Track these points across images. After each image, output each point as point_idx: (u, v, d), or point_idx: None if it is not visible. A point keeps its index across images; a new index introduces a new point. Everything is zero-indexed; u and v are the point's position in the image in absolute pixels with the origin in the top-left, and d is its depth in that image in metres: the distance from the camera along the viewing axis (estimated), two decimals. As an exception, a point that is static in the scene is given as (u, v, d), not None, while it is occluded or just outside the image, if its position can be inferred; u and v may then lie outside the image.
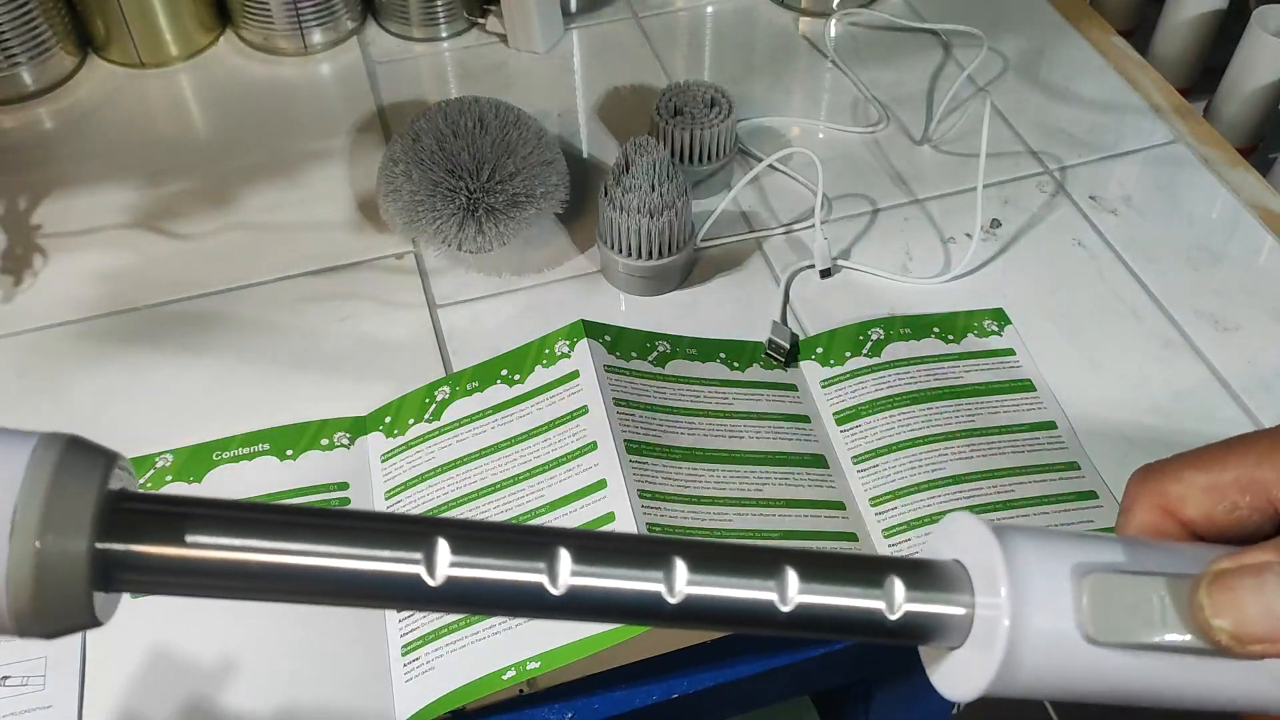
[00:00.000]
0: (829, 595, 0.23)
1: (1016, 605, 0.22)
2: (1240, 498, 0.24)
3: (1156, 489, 0.25)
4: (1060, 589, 0.22)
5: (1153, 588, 0.23)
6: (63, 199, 0.65)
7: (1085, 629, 0.22)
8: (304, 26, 0.73)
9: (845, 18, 0.78)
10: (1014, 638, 0.22)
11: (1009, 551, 0.23)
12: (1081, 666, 0.22)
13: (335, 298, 0.60)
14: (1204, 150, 0.68)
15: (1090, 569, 0.22)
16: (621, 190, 0.57)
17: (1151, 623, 0.22)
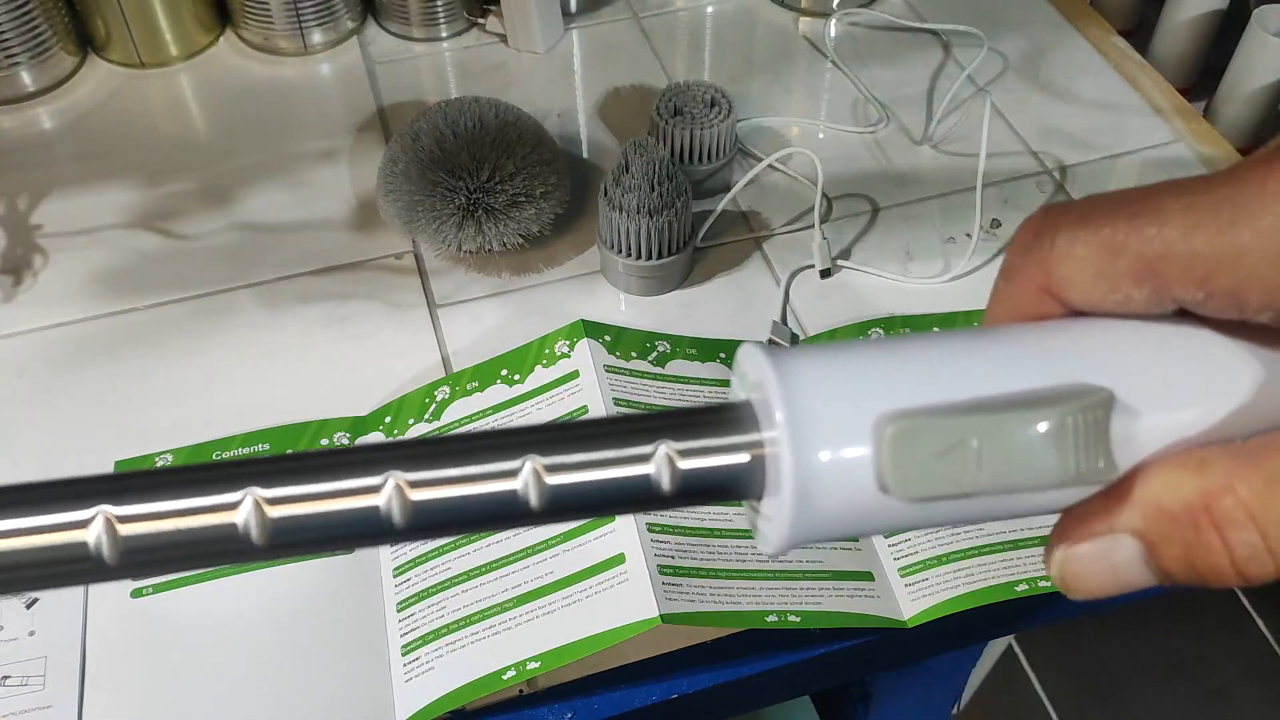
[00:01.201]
0: (582, 471, 0.19)
1: (797, 439, 0.19)
2: (1136, 290, 0.20)
3: (1040, 266, 0.21)
4: (853, 421, 0.19)
5: (965, 430, 0.19)
6: (63, 199, 0.65)
7: (882, 480, 0.19)
8: (304, 26, 0.73)
9: (845, 18, 0.78)
10: (800, 476, 0.19)
11: (785, 377, 0.19)
12: (878, 512, 0.19)
13: (335, 298, 0.60)
14: (1204, 150, 0.68)
15: (896, 416, 0.19)
16: (621, 190, 0.57)
17: (963, 469, 0.19)
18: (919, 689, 0.70)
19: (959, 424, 0.19)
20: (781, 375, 0.19)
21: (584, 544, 0.47)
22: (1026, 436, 0.19)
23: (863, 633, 0.48)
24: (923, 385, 0.19)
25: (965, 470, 0.19)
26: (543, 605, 0.46)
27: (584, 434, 0.19)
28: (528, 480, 0.19)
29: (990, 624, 0.52)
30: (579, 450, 0.19)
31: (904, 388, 0.19)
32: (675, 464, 0.19)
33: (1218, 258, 0.18)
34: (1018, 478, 0.19)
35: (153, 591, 0.48)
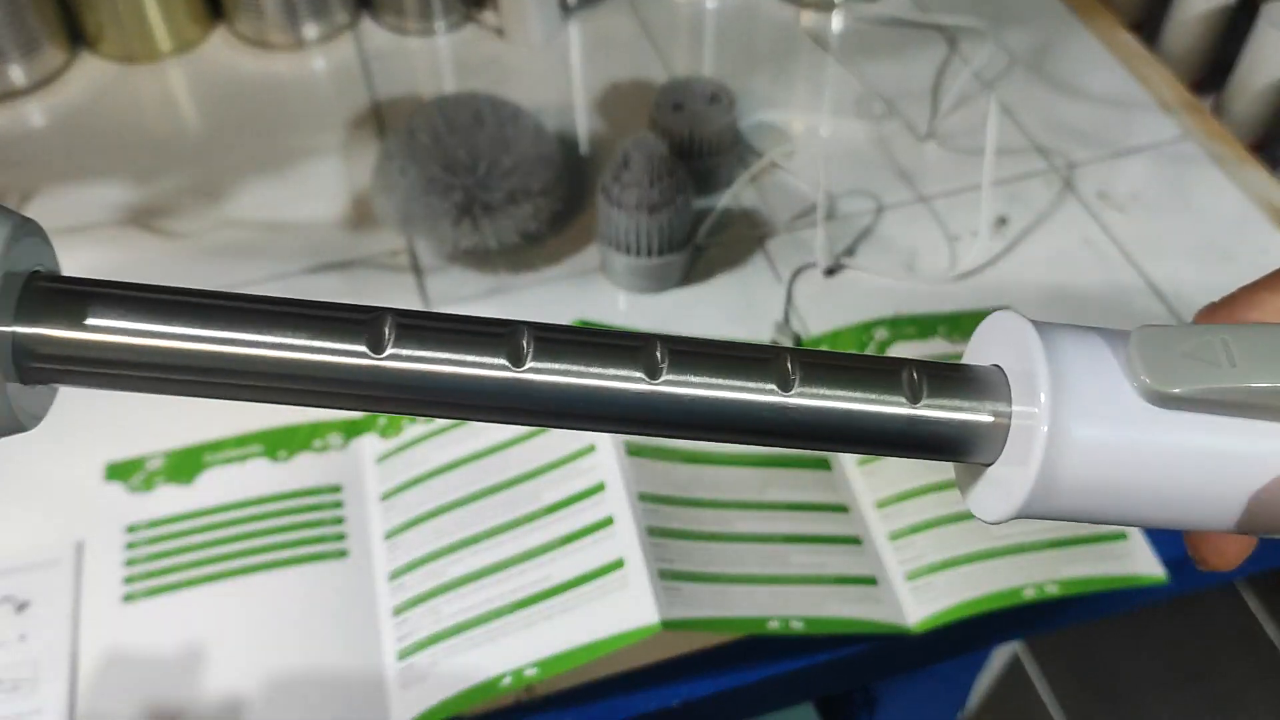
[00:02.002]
0: (836, 395, 0.20)
1: (1058, 408, 0.19)
2: None
3: (1229, 316, 0.22)
4: (1108, 373, 0.19)
5: (1215, 334, 0.20)
6: (54, 196, 0.64)
7: (1142, 384, 0.19)
8: (297, 20, 0.72)
9: (849, 12, 0.77)
10: (1054, 444, 0.19)
11: (1053, 351, 0.20)
12: (1144, 445, 0.19)
13: (329, 296, 0.59)
14: (1213, 147, 0.67)
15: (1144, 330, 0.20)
16: (620, 187, 0.56)
17: (1219, 366, 0.19)
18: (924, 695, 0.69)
19: (1206, 330, 0.20)
20: (1048, 348, 0.20)
21: (583, 548, 0.46)
22: (1270, 342, 0.19)
23: (867, 639, 0.47)
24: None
25: (1218, 365, 0.19)
26: (541, 611, 0.45)
27: (840, 360, 0.20)
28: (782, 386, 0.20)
29: (997, 630, 0.51)
30: (835, 376, 0.20)
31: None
32: (922, 407, 0.20)
33: None
34: (1276, 374, 0.19)
35: (144, 596, 0.47)
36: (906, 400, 0.20)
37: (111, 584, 0.48)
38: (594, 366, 0.20)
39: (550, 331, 0.20)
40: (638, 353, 0.20)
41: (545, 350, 0.20)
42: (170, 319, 0.19)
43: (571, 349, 0.20)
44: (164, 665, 0.46)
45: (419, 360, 0.19)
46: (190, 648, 0.46)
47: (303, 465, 0.51)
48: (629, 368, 0.20)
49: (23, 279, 0.18)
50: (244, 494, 0.50)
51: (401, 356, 0.19)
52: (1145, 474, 0.19)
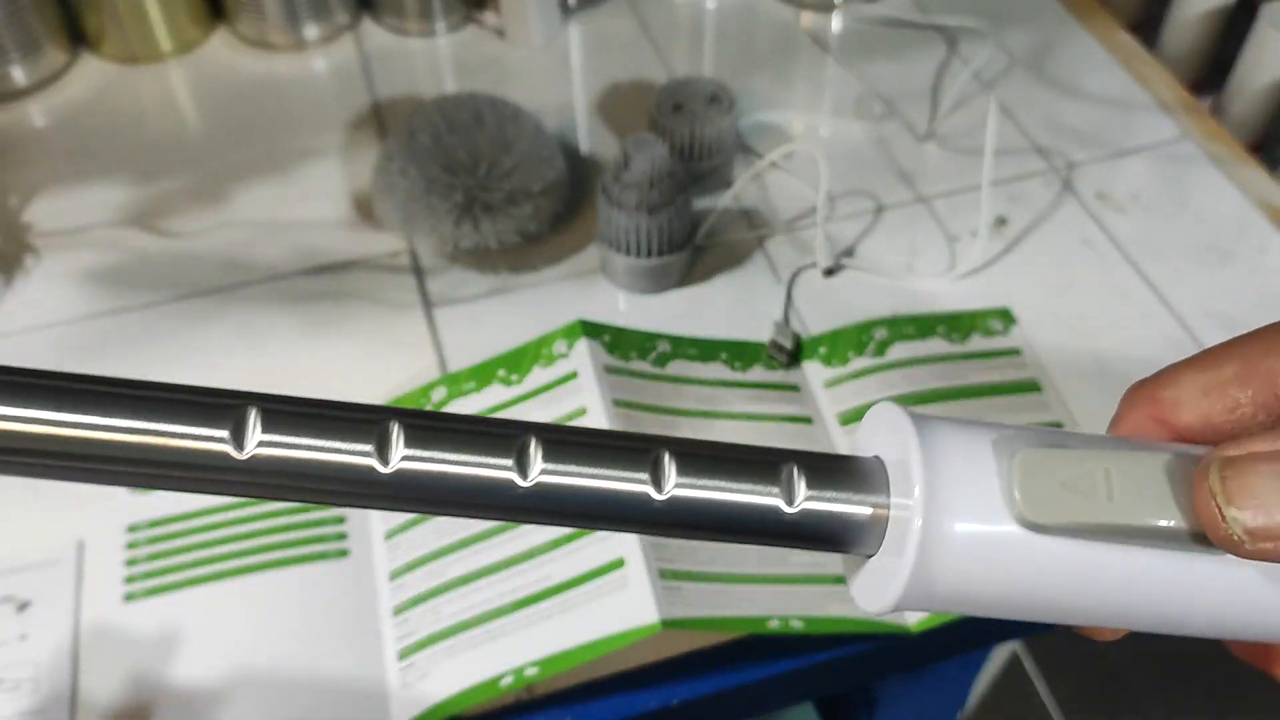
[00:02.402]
0: (713, 489, 0.20)
1: (931, 502, 0.19)
2: (1242, 392, 0.21)
3: (1148, 396, 0.22)
4: (985, 476, 0.19)
5: (1098, 462, 0.19)
6: (55, 197, 0.64)
7: (1018, 509, 0.19)
8: (298, 21, 0.72)
9: (848, 12, 0.77)
10: (927, 539, 0.19)
11: (927, 441, 0.20)
12: (1015, 561, 0.19)
13: (329, 297, 0.59)
14: (1212, 147, 0.67)
15: (1021, 446, 0.20)
16: (620, 187, 0.56)
17: (1095, 499, 0.19)
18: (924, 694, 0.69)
19: (1088, 456, 0.19)
20: (924, 441, 0.20)
21: (582, 548, 0.46)
22: (1160, 474, 0.19)
23: (867, 638, 0.47)
24: (1052, 439, 0.20)
25: (1095, 499, 0.19)
26: (541, 610, 0.45)
27: (718, 451, 0.20)
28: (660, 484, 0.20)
29: (996, 630, 0.52)
30: (712, 470, 0.20)
31: (1034, 438, 0.20)
32: (801, 499, 0.20)
33: None
34: (1149, 515, 0.19)
35: (145, 596, 0.47)
36: (783, 496, 0.20)
37: (112, 583, 0.48)
38: (465, 456, 0.19)
39: (421, 419, 0.20)
40: (510, 444, 0.19)
41: (417, 439, 0.20)
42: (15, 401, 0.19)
43: (442, 438, 0.20)
44: (165, 664, 0.46)
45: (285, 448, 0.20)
46: (191, 648, 0.46)
47: (303, 465, 0.51)
48: (501, 458, 0.19)
49: None
50: (245, 494, 0.50)
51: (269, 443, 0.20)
52: (1018, 585, 0.19)
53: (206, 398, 0.20)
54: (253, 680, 0.45)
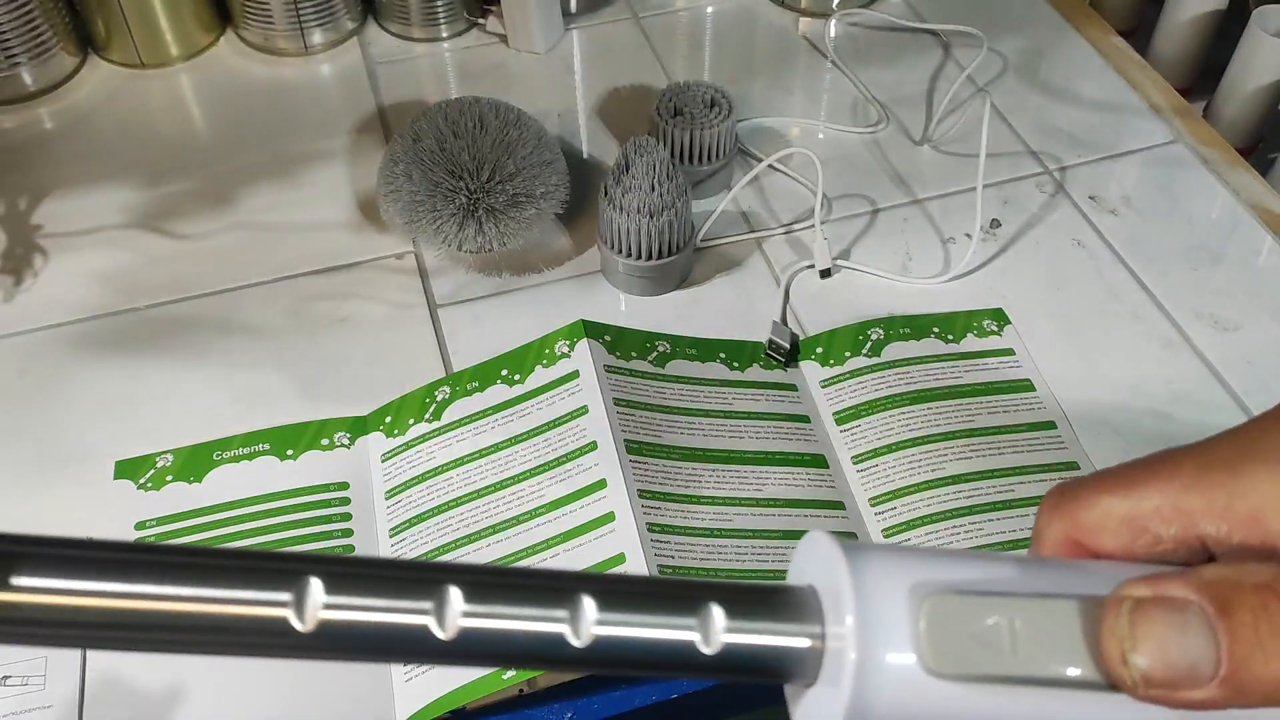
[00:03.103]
0: (632, 625, 0.19)
1: (863, 635, 0.19)
2: (1164, 530, 0.21)
3: (1068, 516, 0.22)
4: (899, 613, 0.19)
5: (1004, 610, 0.19)
6: (63, 199, 0.65)
7: (924, 659, 0.19)
8: (304, 27, 0.73)
9: (845, 18, 0.78)
10: (862, 673, 0.19)
11: (857, 573, 0.19)
12: (929, 705, 0.19)
13: (335, 298, 0.60)
14: (1204, 150, 0.68)
15: (933, 590, 0.20)
16: (621, 190, 0.57)
17: (1000, 652, 0.19)
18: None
19: (997, 605, 0.19)
20: (855, 573, 0.19)
21: (584, 543, 0.47)
22: (1066, 622, 0.19)
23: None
24: (974, 574, 0.20)
25: (1000, 652, 0.19)
26: (543, 605, 0.46)
27: (636, 588, 0.20)
28: (577, 624, 0.19)
29: None
30: (630, 608, 0.20)
31: (947, 580, 0.20)
32: (720, 633, 0.19)
33: (1233, 490, 0.20)
34: (1052, 667, 0.19)
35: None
36: (699, 631, 0.20)
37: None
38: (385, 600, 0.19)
39: (341, 566, 0.19)
40: (431, 590, 0.19)
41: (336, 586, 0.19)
42: (99, 576, 0.18)
43: (363, 584, 0.19)
44: (172, 659, 0.46)
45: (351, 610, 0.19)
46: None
47: (310, 463, 0.52)
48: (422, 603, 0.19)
49: None
50: (252, 491, 0.51)
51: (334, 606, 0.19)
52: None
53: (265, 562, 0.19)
54: (259, 673, 0.46)
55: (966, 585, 0.20)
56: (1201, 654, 0.18)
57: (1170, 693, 0.19)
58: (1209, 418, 0.55)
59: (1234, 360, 0.57)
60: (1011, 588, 0.20)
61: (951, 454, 0.52)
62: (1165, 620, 0.19)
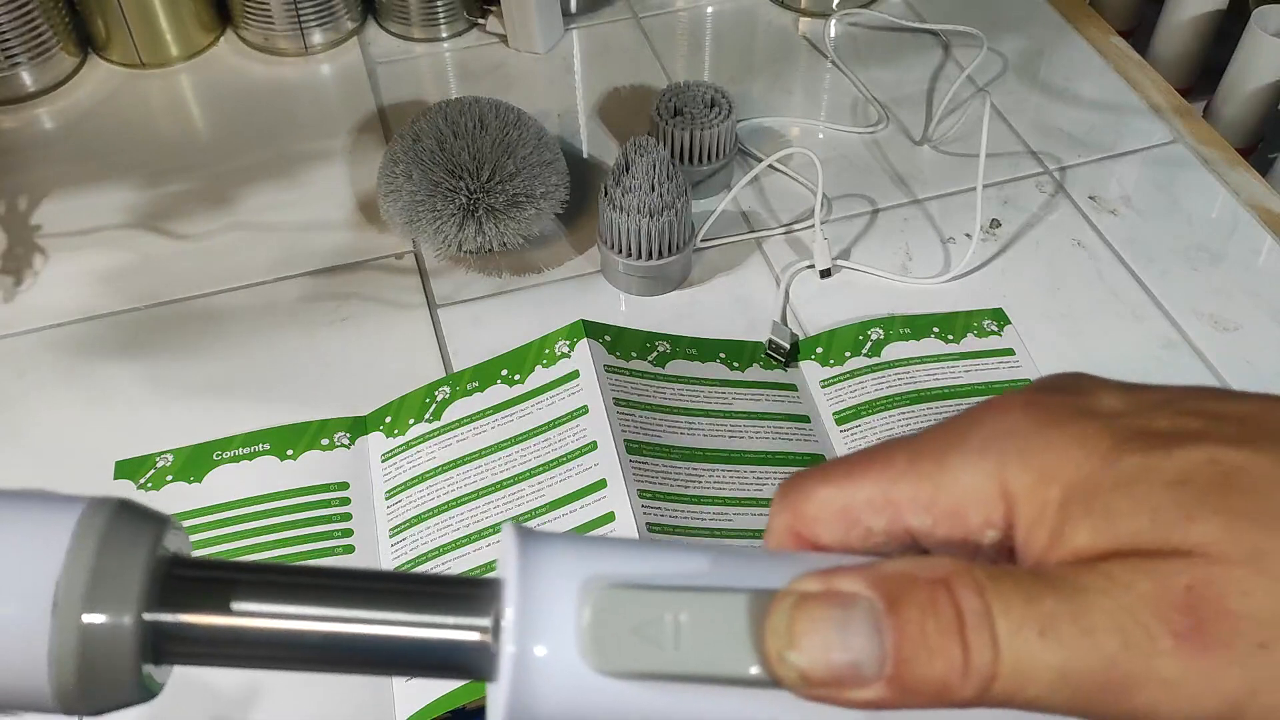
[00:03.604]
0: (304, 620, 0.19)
1: (523, 628, 0.18)
2: (874, 521, 0.20)
3: (791, 507, 0.21)
4: (565, 607, 0.19)
5: (673, 605, 0.19)
6: (63, 199, 0.65)
7: (587, 654, 0.19)
8: (304, 27, 0.73)
9: (845, 18, 0.78)
10: (520, 668, 0.18)
11: (526, 564, 0.19)
12: (594, 702, 0.19)
13: (335, 298, 0.60)
14: (1204, 150, 0.68)
15: (607, 583, 0.19)
16: (621, 190, 0.57)
17: (663, 647, 0.18)
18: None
19: (664, 599, 0.19)
20: (524, 564, 0.19)
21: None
22: (734, 617, 0.19)
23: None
24: (652, 569, 0.19)
25: (662, 648, 0.18)
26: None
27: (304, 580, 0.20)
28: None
29: None
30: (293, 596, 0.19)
31: (622, 572, 0.19)
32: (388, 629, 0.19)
33: (938, 482, 0.19)
34: (716, 664, 0.18)
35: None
36: (369, 625, 0.19)
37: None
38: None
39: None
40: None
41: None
42: (311, 601, 0.19)
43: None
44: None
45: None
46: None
47: (310, 463, 0.52)
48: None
49: (166, 566, 0.19)
50: (252, 491, 0.51)
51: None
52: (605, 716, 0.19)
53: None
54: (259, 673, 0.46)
55: (642, 578, 0.19)
56: (865, 652, 0.17)
57: (834, 692, 0.18)
58: (1209, 418, 0.55)
59: (1234, 360, 0.57)
60: (691, 581, 0.19)
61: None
62: (828, 616, 0.18)
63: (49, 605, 0.18)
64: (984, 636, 0.17)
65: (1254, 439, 0.18)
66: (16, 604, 0.18)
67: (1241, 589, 0.17)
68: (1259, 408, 0.19)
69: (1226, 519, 0.17)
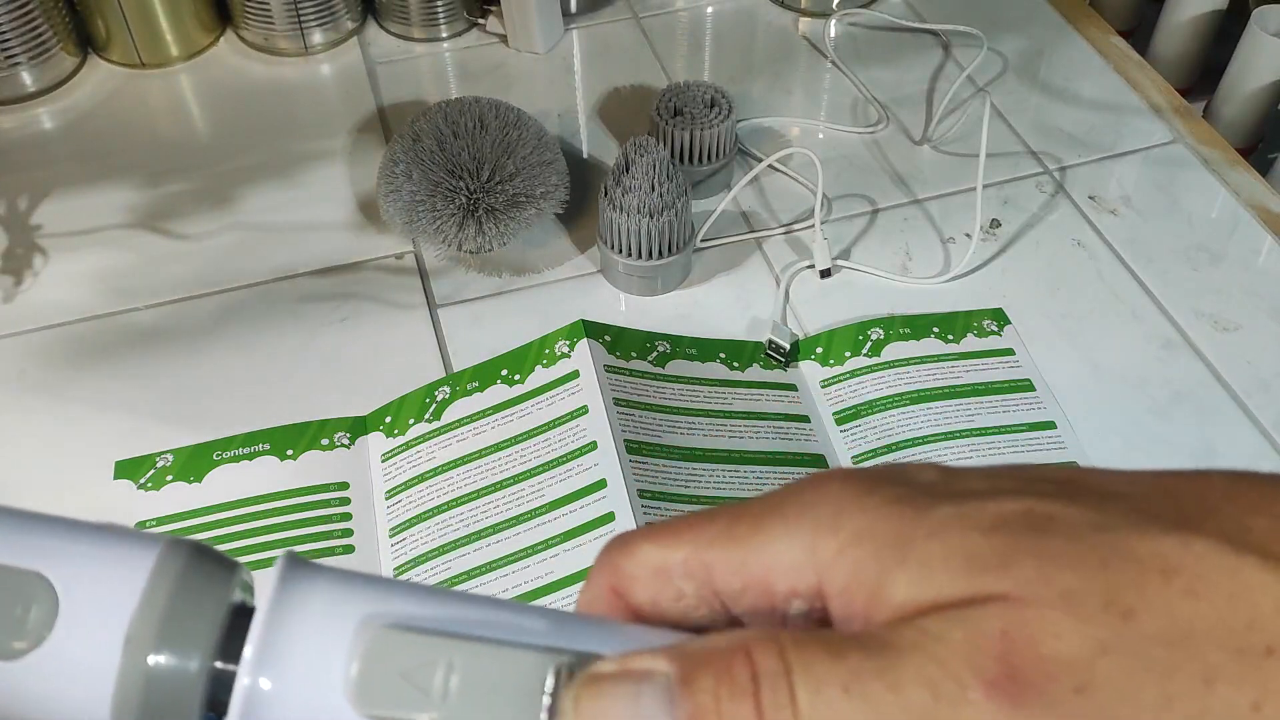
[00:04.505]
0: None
1: (262, 659, 0.18)
2: (686, 583, 0.20)
3: (612, 564, 0.21)
4: (336, 649, 0.18)
5: (451, 653, 0.18)
6: (63, 199, 0.65)
7: (349, 691, 0.18)
8: (304, 27, 0.73)
9: (845, 18, 0.78)
10: (251, 704, 0.18)
11: (285, 595, 0.18)
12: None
13: (335, 298, 0.60)
14: (1203, 150, 0.68)
15: (387, 623, 0.18)
16: (621, 190, 0.57)
17: (430, 696, 0.18)
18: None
19: (441, 646, 0.18)
20: (283, 596, 0.18)
21: (584, 544, 0.47)
22: (503, 674, 0.18)
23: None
24: (428, 612, 0.19)
25: (429, 695, 0.18)
26: (544, 604, 0.46)
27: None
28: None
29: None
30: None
31: (401, 614, 0.19)
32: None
33: (751, 546, 0.19)
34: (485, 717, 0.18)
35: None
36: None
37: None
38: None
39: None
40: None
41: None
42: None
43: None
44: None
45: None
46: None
47: (310, 463, 0.52)
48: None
49: (234, 615, 0.19)
50: (252, 491, 0.51)
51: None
52: None
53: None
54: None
55: (424, 622, 0.18)
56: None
57: None
58: (1209, 418, 0.55)
59: (1234, 360, 0.57)
60: (477, 631, 0.18)
61: (951, 454, 0.52)
62: (620, 692, 0.17)
63: (120, 641, 0.18)
64: (781, 697, 0.16)
65: (1070, 495, 0.18)
66: (88, 636, 0.18)
67: (1054, 631, 0.16)
68: (1077, 474, 0.19)
69: (1039, 561, 0.16)
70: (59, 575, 0.18)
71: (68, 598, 0.18)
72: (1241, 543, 0.16)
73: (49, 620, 0.18)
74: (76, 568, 0.18)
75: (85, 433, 0.54)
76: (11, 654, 0.18)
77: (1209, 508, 0.17)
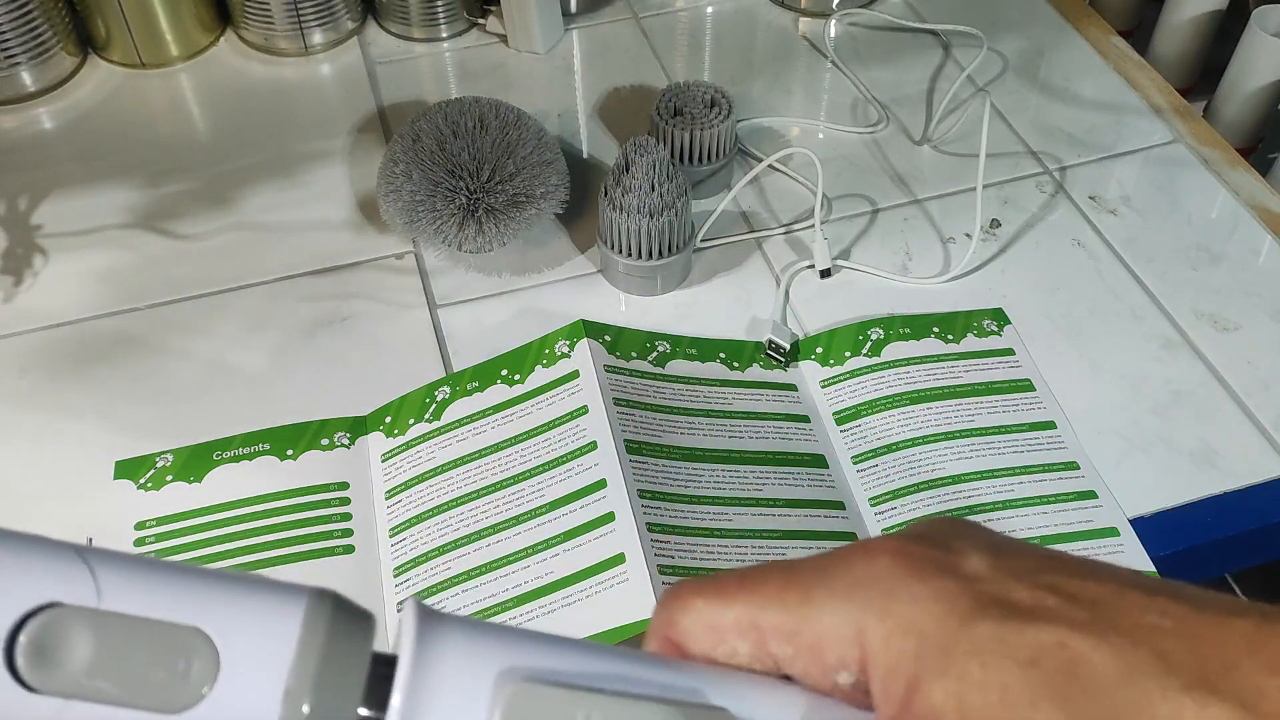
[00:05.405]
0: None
1: (408, 710, 0.19)
2: (739, 643, 0.21)
3: (668, 617, 0.22)
4: (475, 694, 0.19)
5: (589, 706, 0.19)
6: (63, 199, 0.65)
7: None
8: (304, 27, 0.73)
9: (845, 18, 0.78)
10: None
11: (425, 645, 0.19)
12: None
13: (335, 298, 0.60)
14: (1203, 150, 0.68)
15: (521, 676, 0.19)
16: (621, 190, 0.57)
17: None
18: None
19: (577, 699, 0.19)
20: (421, 651, 0.19)
21: (584, 544, 0.47)
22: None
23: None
24: (554, 663, 0.20)
25: None
26: (543, 605, 0.46)
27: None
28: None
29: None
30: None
31: (542, 668, 0.19)
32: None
33: (802, 615, 0.21)
34: None
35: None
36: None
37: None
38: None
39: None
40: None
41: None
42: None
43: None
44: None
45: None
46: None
47: (310, 463, 0.52)
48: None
49: (374, 664, 0.19)
50: (252, 491, 0.51)
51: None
52: None
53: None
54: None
55: (554, 674, 0.19)
56: None
57: None
58: (1209, 418, 0.55)
59: (1234, 360, 0.57)
60: (601, 683, 0.20)
61: (951, 454, 0.52)
62: None
63: (280, 693, 0.18)
64: None
65: (1101, 628, 0.19)
66: (249, 689, 0.18)
67: None
68: (1112, 592, 0.20)
69: (1066, 713, 0.18)
70: (217, 630, 0.19)
71: (227, 652, 0.18)
72: (1255, 710, 0.17)
73: (211, 674, 0.18)
74: (231, 620, 0.19)
75: (85, 432, 0.54)
76: (178, 708, 0.18)
77: (1230, 663, 0.18)
